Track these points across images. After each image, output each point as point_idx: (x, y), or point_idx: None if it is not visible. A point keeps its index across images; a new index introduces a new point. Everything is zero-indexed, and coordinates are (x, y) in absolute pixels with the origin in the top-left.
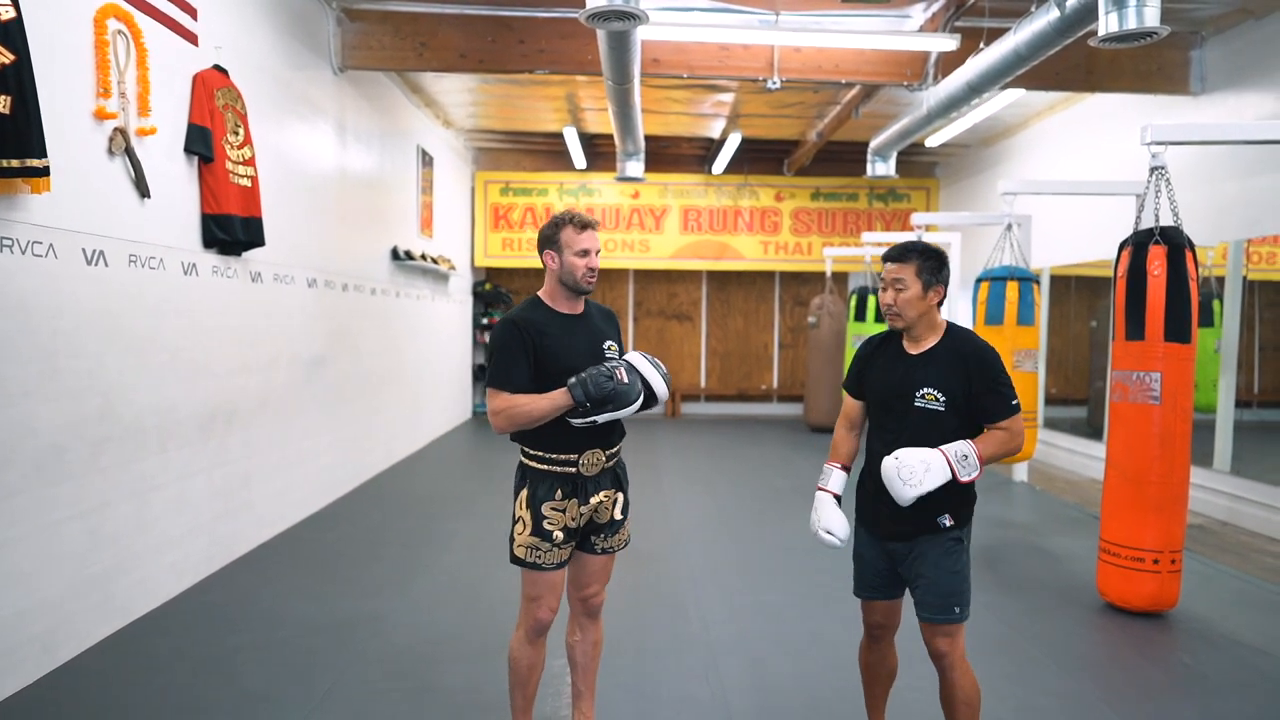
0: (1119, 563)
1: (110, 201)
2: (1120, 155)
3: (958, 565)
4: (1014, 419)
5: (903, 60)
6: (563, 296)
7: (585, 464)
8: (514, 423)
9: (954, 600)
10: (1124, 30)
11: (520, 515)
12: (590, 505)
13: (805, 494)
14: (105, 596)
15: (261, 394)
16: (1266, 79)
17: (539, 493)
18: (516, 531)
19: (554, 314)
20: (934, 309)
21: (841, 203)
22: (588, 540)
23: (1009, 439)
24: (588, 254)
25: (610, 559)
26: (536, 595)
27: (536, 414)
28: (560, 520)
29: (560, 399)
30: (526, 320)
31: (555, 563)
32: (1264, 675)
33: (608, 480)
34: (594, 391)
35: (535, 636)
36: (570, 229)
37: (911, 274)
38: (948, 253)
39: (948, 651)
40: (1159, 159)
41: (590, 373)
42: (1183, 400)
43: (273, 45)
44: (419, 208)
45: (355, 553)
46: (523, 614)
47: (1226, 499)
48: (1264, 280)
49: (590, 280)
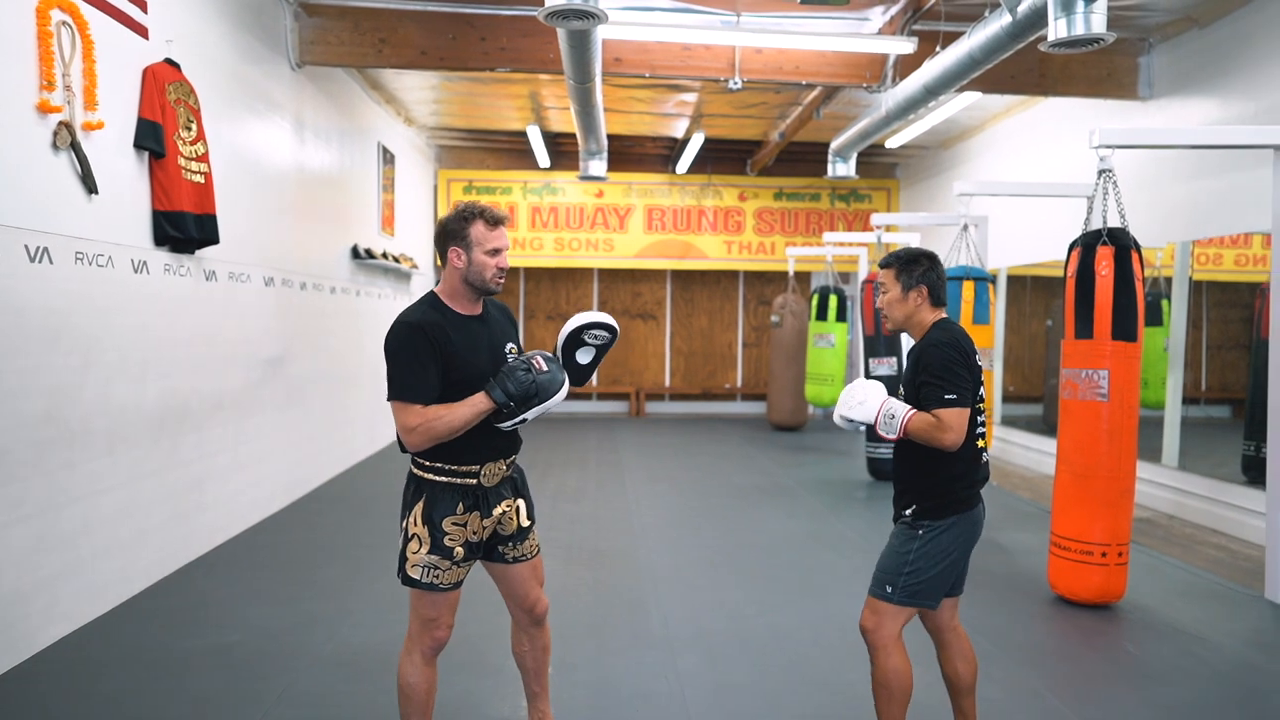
0: (1069, 556)
1: (55, 197)
2: (1073, 158)
3: (904, 548)
4: (946, 411)
5: (862, 62)
6: (465, 297)
7: (486, 475)
8: (433, 437)
9: (886, 578)
10: (1072, 36)
11: (415, 532)
12: (493, 517)
13: (767, 491)
14: (51, 601)
15: (216, 395)
16: (1211, 85)
17: (438, 507)
18: (410, 550)
19: (456, 317)
20: (921, 309)
21: (804, 203)
22: (495, 551)
23: (936, 426)
24: (499, 253)
25: (534, 563)
26: (433, 616)
27: (458, 424)
28: (462, 535)
29: (481, 403)
30: (431, 324)
31: (452, 583)
32: (1205, 663)
33: (508, 489)
34: (515, 389)
35: (432, 657)
36: (481, 224)
37: (891, 278)
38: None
39: (871, 629)
40: (1107, 162)
41: (506, 370)
42: (1130, 397)
43: (227, 39)
44: (380, 206)
45: (312, 555)
46: (415, 636)
47: (1173, 493)
48: (1210, 281)
49: (499, 281)
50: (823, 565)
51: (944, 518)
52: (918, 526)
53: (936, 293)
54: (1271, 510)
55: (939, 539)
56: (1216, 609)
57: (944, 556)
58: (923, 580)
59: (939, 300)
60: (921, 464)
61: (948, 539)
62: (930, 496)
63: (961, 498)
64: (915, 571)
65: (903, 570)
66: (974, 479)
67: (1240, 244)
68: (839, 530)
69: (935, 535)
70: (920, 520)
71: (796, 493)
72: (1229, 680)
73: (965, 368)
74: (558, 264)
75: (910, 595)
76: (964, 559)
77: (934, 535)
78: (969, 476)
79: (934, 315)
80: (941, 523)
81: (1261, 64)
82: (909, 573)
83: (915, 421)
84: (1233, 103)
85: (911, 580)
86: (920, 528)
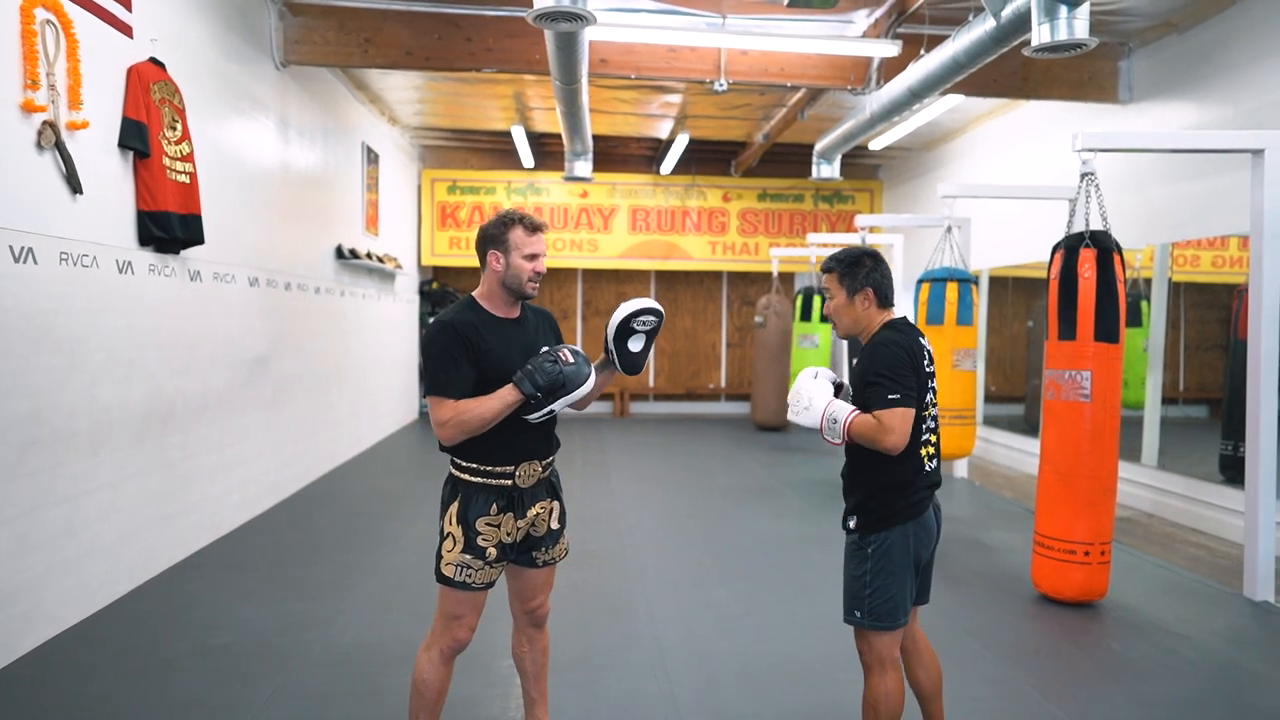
0: (1052, 555)
1: (39, 197)
2: (1055, 160)
3: (859, 570)
4: (887, 412)
5: (847, 65)
6: (502, 300)
7: (522, 476)
8: (465, 430)
9: (851, 604)
10: (1055, 41)
11: (450, 531)
12: (527, 519)
13: (753, 492)
14: (34, 604)
15: (201, 395)
16: (1189, 89)
17: (472, 507)
18: (445, 549)
19: (491, 318)
20: (869, 312)
21: (788, 204)
22: (528, 554)
23: (877, 428)
24: (536, 258)
25: (552, 570)
26: (460, 614)
27: (489, 416)
28: (495, 536)
29: (510, 395)
30: (465, 323)
31: (485, 582)
32: (1187, 660)
33: (544, 491)
34: (542, 380)
35: (451, 656)
36: (520, 230)
37: (835, 283)
38: (887, 254)
39: (862, 652)
40: (1089, 165)
41: (533, 362)
42: (1112, 398)
43: (212, 38)
44: (364, 205)
45: (299, 556)
46: (439, 632)
47: (1153, 492)
48: (1188, 282)
49: (535, 286)
50: (809, 565)
51: (889, 528)
52: (866, 544)
53: (883, 292)
54: (1250, 509)
55: (889, 553)
56: (1197, 606)
57: (900, 569)
58: (884, 599)
59: (886, 300)
60: (866, 469)
61: (898, 551)
62: (872, 504)
63: (904, 506)
64: (875, 592)
65: (863, 594)
66: (918, 487)
67: (1217, 246)
68: (824, 530)
69: (885, 550)
70: (867, 536)
71: (782, 493)
72: (1211, 676)
73: (912, 369)
74: None
75: (876, 617)
76: (924, 566)
77: (883, 550)
78: (912, 485)
79: (883, 316)
80: (888, 534)
81: (1239, 69)
82: (869, 595)
83: (857, 424)
84: (1210, 107)
85: (874, 601)
86: (869, 544)
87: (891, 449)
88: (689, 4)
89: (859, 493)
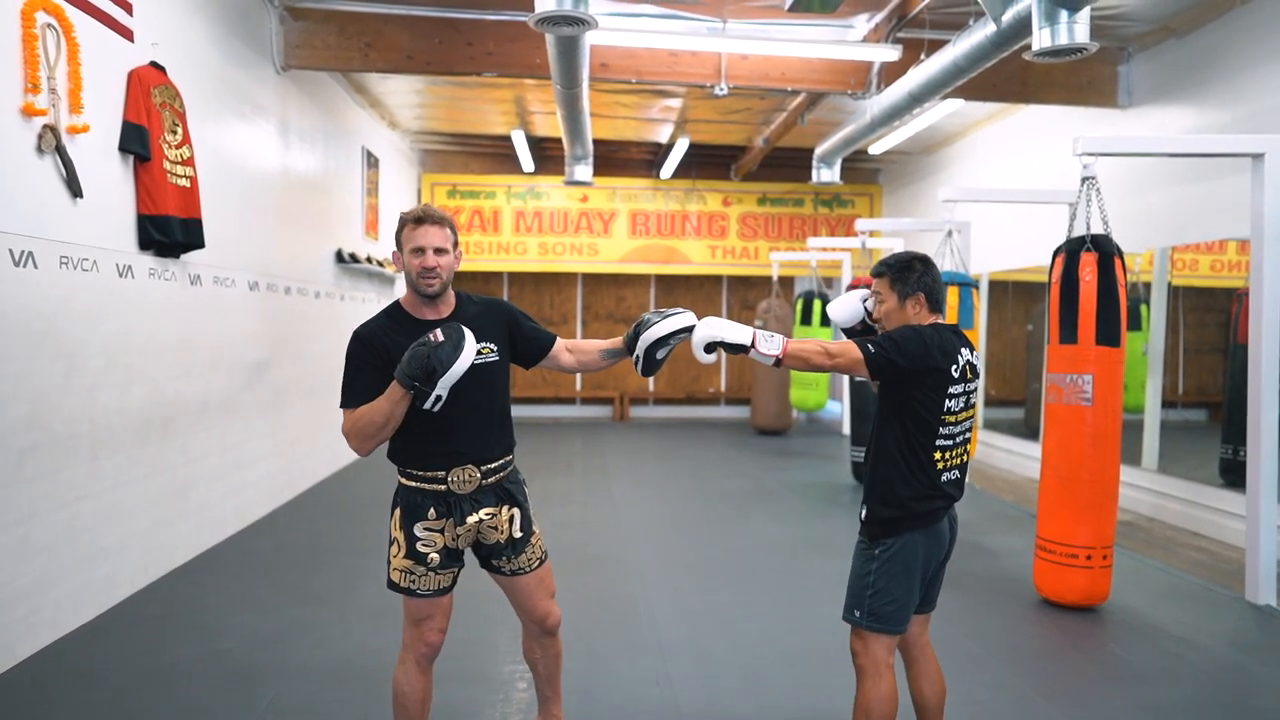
0: (1054, 559)
1: (40, 201)
2: (1054, 164)
3: (864, 569)
4: (845, 342)
5: (847, 69)
6: (416, 300)
7: (456, 481)
8: (364, 436)
9: (853, 602)
10: (1056, 45)
11: (395, 536)
12: (467, 525)
13: (753, 495)
14: (33, 609)
15: (201, 399)
16: (1188, 93)
17: (411, 513)
18: (391, 554)
19: (410, 320)
20: (919, 317)
21: (788, 208)
22: (489, 563)
23: (821, 350)
24: (422, 252)
25: (539, 575)
26: (422, 618)
27: (380, 418)
28: (438, 541)
29: (394, 391)
30: (371, 332)
31: (431, 589)
32: (1189, 663)
33: (490, 498)
34: (415, 369)
35: (426, 663)
36: (408, 227)
37: (886, 287)
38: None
39: (857, 652)
40: (1090, 169)
41: (408, 352)
42: (1113, 401)
43: (213, 42)
44: (364, 210)
45: (299, 560)
46: (409, 641)
47: (1153, 496)
48: (1187, 286)
49: (428, 282)
50: (810, 568)
51: (899, 534)
52: (875, 545)
53: (935, 297)
54: (1251, 513)
55: (897, 557)
56: (1198, 610)
57: (906, 575)
58: (886, 602)
59: (938, 305)
60: (880, 472)
61: (907, 555)
62: (884, 509)
63: (916, 514)
64: (878, 594)
65: (865, 594)
66: (933, 497)
67: (1216, 250)
68: (825, 533)
69: (892, 553)
70: (878, 538)
71: (782, 496)
72: (1212, 680)
73: (921, 357)
74: (541, 269)
75: (876, 619)
76: (933, 576)
77: (891, 553)
78: (927, 494)
79: (933, 320)
80: (898, 539)
81: (1238, 73)
82: (871, 595)
83: (794, 343)
84: (1209, 111)
85: (875, 603)
86: (878, 546)
87: (821, 367)
88: (690, 8)
89: (875, 491)
